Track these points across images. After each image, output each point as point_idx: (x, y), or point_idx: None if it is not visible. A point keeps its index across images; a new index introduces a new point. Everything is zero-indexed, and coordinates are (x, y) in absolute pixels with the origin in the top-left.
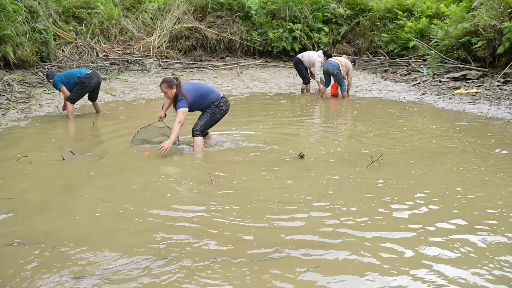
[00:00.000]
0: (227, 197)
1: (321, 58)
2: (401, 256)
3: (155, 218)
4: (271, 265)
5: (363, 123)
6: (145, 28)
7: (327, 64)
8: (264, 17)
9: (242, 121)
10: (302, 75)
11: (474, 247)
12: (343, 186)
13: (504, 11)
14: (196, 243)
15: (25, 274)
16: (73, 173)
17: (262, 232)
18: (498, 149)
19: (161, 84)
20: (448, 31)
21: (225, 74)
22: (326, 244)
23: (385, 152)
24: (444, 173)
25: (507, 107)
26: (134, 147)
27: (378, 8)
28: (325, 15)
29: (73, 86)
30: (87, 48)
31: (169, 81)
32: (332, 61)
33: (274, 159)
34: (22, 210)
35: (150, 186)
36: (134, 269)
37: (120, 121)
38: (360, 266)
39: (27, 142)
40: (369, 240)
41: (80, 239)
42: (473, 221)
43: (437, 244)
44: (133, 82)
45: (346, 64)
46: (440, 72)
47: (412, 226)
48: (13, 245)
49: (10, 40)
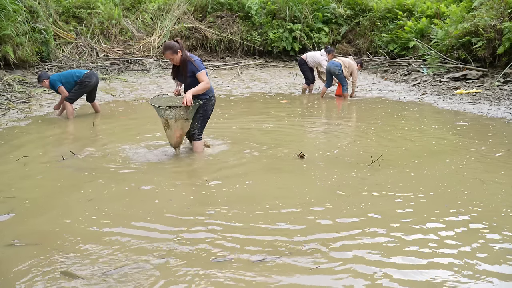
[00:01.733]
0: (227, 197)
1: (325, 56)
2: (401, 256)
3: (155, 218)
4: (271, 266)
5: (363, 123)
6: (145, 28)
7: (330, 64)
8: (264, 17)
9: (243, 121)
10: (306, 76)
11: (474, 246)
12: (343, 186)
13: (504, 11)
14: (196, 243)
15: (25, 274)
16: (73, 173)
17: (262, 233)
18: (498, 149)
19: (165, 53)
20: (448, 31)
21: (225, 74)
22: (326, 245)
23: (385, 152)
24: (444, 173)
25: (507, 107)
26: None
27: (378, 8)
28: (325, 15)
29: (73, 86)
30: (87, 48)
31: (172, 46)
32: (335, 61)
33: (274, 159)
34: (22, 210)
35: (150, 187)
36: (134, 270)
37: (120, 121)
38: (361, 266)
39: (27, 142)
40: (369, 240)
41: (81, 239)
42: (473, 221)
43: (438, 243)
44: (133, 82)
45: (349, 65)
46: (440, 72)
47: (413, 226)
48: (13, 246)
49: (10, 40)
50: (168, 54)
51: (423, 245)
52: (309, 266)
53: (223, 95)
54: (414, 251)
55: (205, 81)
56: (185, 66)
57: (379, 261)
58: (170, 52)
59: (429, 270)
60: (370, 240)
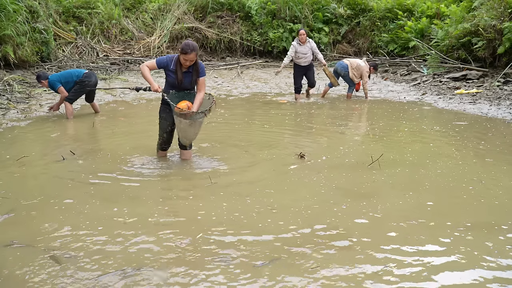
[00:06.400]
0: (226, 197)
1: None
2: (402, 256)
3: (155, 219)
4: (271, 267)
5: (364, 123)
6: (145, 28)
7: (337, 64)
8: (264, 17)
9: (243, 121)
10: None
11: (474, 245)
12: (343, 186)
13: (504, 11)
14: (195, 244)
15: (24, 274)
16: (73, 173)
17: (261, 234)
18: (498, 149)
19: (191, 53)
20: (449, 31)
21: (225, 74)
22: (326, 245)
23: (386, 152)
24: (444, 172)
25: (507, 107)
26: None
27: (378, 8)
28: (325, 15)
29: (72, 86)
30: (87, 48)
31: (197, 47)
32: (343, 62)
33: (275, 159)
34: (22, 211)
35: (150, 187)
36: (134, 270)
37: (120, 121)
38: (361, 267)
39: (27, 142)
40: (369, 241)
41: (80, 240)
42: (473, 220)
43: (438, 243)
44: (133, 82)
45: (358, 67)
46: (440, 72)
47: (413, 226)
48: (12, 246)
49: (11, 40)
50: (194, 55)
51: (423, 245)
52: (309, 266)
53: (223, 95)
54: (415, 251)
55: (203, 91)
56: (197, 67)
57: (379, 262)
58: (195, 53)
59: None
60: (370, 240)
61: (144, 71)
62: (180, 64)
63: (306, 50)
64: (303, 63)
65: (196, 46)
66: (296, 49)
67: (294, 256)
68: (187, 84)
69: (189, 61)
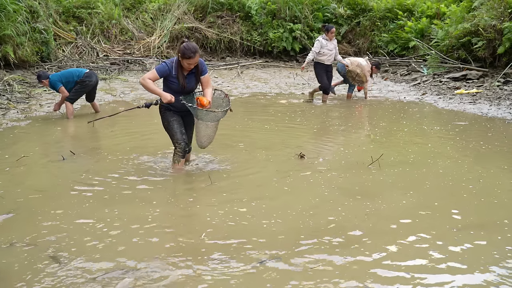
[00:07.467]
0: (227, 197)
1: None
2: (402, 256)
3: (156, 220)
4: (271, 267)
5: (364, 123)
6: (146, 28)
7: (338, 64)
8: (264, 17)
9: (244, 121)
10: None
11: (474, 244)
12: (344, 186)
13: (504, 11)
14: (195, 244)
15: (24, 275)
16: (73, 173)
17: (262, 234)
18: (498, 149)
19: (194, 56)
20: (449, 31)
21: (225, 74)
22: (326, 245)
23: (386, 151)
24: (444, 172)
25: (507, 107)
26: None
27: (378, 8)
28: (326, 15)
29: (73, 85)
30: (87, 48)
31: (197, 48)
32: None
33: (275, 159)
34: (22, 211)
35: (151, 187)
36: (134, 270)
37: (120, 121)
38: (361, 267)
39: (27, 142)
40: (369, 241)
41: (80, 240)
42: (473, 219)
43: (438, 242)
44: (133, 82)
45: (359, 66)
46: (440, 72)
47: (413, 226)
48: (12, 246)
49: (11, 40)
50: (197, 56)
51: (423, 244)
52: (309, 267)
53: None
54: (415, 251)
55: (211, 87)
56: (198, 66)
57: (380, 262)
58: (198, 54)
59: (430, 268)
60: (371, 241)
61: (148, 84)
62: (181, 67)
63: (332, 47)
64: (327, 61)
65: (197, 46)
66: (322, 44)
67: (294, 256)
68: (191, 87)
69: (194, 64)
